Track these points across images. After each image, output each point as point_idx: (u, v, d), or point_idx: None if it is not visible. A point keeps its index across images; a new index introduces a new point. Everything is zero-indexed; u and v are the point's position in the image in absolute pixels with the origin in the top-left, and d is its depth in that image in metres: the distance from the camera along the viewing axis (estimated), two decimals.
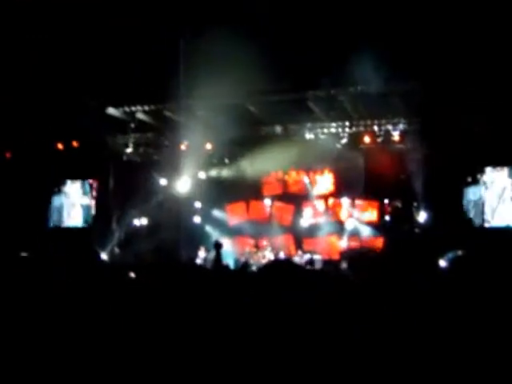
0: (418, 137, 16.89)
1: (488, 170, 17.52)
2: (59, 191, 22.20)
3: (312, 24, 14.03)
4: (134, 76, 16.43)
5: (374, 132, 18.76)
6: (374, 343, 3.03)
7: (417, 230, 17.99)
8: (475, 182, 17.56)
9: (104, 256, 19.09)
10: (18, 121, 18.70)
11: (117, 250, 20.69)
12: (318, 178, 21.01)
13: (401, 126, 18.28)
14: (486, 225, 17.26)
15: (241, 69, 14.39)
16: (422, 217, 17.98)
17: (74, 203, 22.09)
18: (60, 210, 22.19)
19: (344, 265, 13.64)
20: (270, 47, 14.09)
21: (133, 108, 19.69)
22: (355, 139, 19.03)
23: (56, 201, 22.20)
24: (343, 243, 19.84)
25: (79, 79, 16.90)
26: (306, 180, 21.22)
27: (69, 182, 22.23)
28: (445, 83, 14.64)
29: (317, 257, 18.58)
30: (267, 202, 21.73)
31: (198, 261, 19.71)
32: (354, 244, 19.58)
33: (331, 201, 20.89)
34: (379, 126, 18.61)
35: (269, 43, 14.04)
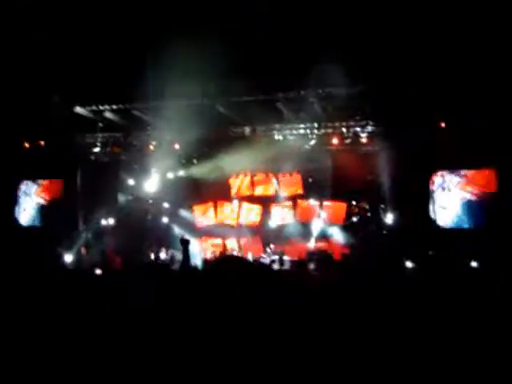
0: (384, 139, 17.05)
1: (446, 172, 17.80)
2: (23, 191, 21.92)
3: (282, 26, 14.06)
4: (102, 75, 16.29)
5: (342, 134, 18.87)
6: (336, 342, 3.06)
7: (384, 231, 18.16)
8: (439, 184, 17.81)
9: (70, 256, 18.92)
10: None
11: (83, 250, 20.50)
12: (287, 179, 21.06)
13: (369, 128, 18.43)
14: (449, 225, 17.53)
15: (210, 69, 14.38)
16: (389, 218, 18.16)
17: (34, 202, 21.85)
18: (22, 209, 21.92)
19: (311, 265, 13.75)
20: (240, 48, 14.09)
21: (101, 107, 19.51)
22: (323, 141, 19.12)
23: (19, 200, 21.93)
24: (311, 244, 19.91)
25: (47, 78, 16.70)
26: (275, 181, 21.26)
27: (36, 181, 21.96)
28: (409, 85, 14.81)
29: (285, 257, 18.64)
30: (235, 203, 21.73)
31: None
32: (322, 245, 19.68)
33: (299, 202, 20.96)
34: (347, 127, 18.73)
35: (239, 44, 14.04)
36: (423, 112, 16.24)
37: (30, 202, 21.90)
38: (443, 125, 16.97)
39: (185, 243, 5.96)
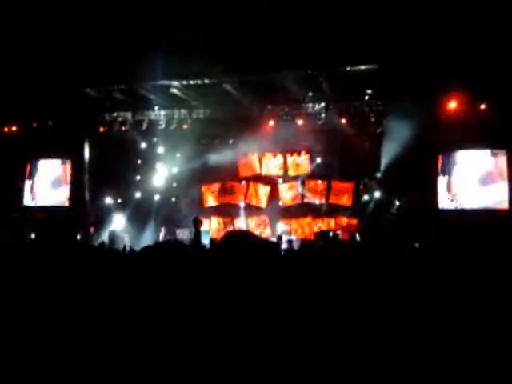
0: (393, 118, 16.93)
1: (462, 152, 17.71)
2: (34, 170, 21.96)
3: (291, 3, 13.94)
4: (109, 54, 16.24)
5: (350, 113, 18.77)
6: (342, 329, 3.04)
7: (392, 212, 18.11)
8: (449, 164, 17.74)
9: (78, 235, 19.02)
10: None
11: (92, 229, 20.60)
12: (295, 159, 21.00)
13: (377, 108, 18.31)
14: (457, 206, 17.49)
15: (217, 48, 14.30)
16: (396, 199, 18.10)
17: (47, 182, 21.86)
18: (34, 189, 21.95)
19: (318, 244, 13.74)
20: (248, 26, 13.99)
21: (108, 87, 19.46)
22: (332, 120, 19.01)
23: (30, 180, 21.96)
24: (319, 224, 19.91)
25: (55, 58, 16.66)
26: (282, 161, 21.21)
27: (43, 161, 21.97)
28: (419, 64, 14.67)
29: (293, 237, 18.64)
30: (243, 182, 21.72)
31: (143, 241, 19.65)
32: (330, 225, 19.68)
33: (307, 182, 20.92)
34: (356, 107, 18.62)
35: (247, 22, 13.93)
36: (433, 91, 16.12)
37: (38, 182, 21.94)
38: (454, 105, 16.86)
39: (197, 224, 5.97)
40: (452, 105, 16.87)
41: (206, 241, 17.66)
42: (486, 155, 17.44)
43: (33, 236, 17.32)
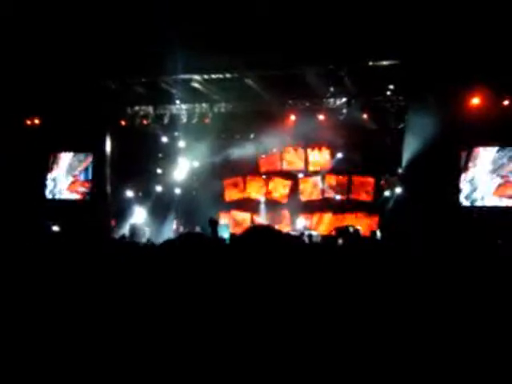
0: (415, 114, 16.79)
1: (484, 149, 17.50)
2: (55, 163, 22.12)
3: (310, 1, 13.89)
4: (131, 48, 16.29)
5: (372, 108, 18.67)
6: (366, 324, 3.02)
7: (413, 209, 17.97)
8: (471, 160, 17.54)
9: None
10: (14, 91, 18.54)
11: (113, 222, 20.74)
12: (315, 154, 20.96)
13: (399, 103, 18.20)
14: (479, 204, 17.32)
15: (239, 42, 14.28)
16: (417, 195, 17.97)
17: (69, 175, 22.01)
18: (56, 182, 22.12)
19: (340, 240, 13.71)
20: (269, 21, 13.94)
21: (130, 80, 19.55)
22: (353, 115, 18.93)
23: (52, 173, 22.13)
24: (339, 220, 19.87)
25: (75, 50, 16.75)
26: (303, 156, 21.18)
27: (65, 154, 22.13)
28: (441, 60, 14.54)
29: (314, 233, 18.61)
30: (263, 177, 21.72)
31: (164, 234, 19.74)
32: (350, 221, 19.61)
33: (328, 177, 20.87)
34: (377, 102, 18.52)
35: (268, 16, 13.89)
36: (455, 86, 15.98)
37: (60, 175, 22.11)
38: (477, 101, 16.69)
39: (213, 224, 5.99)
40: (475, 100, 16.68)
41: (225, 235, 17.76)
42: (509, 152, 17.22)
43: (56, 229, 17.47)
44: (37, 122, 21.20)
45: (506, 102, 16.42)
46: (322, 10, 13.65)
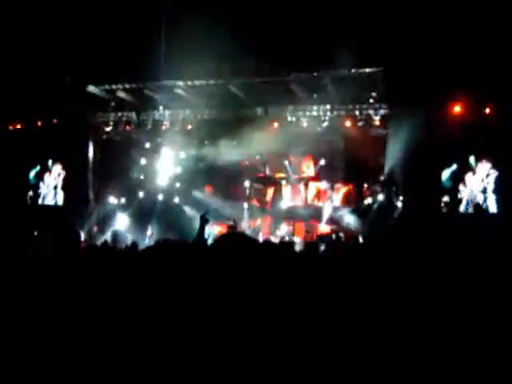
0: (397, 122, 16.90)
1: (471, 159, 17.48)
2: (37, 169, 21.97)
3: (296, 7, 13.96)
4: (114, 54, 16.28)
5: (355, 116, 18.77)
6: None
7: (395, 215, 18.07)
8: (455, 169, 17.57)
9: (82, 235, 19.02)
10: None
11: (95, 228, 20.61)
12: (298, 161, 21.02)
13: (382, 111, 18.31)
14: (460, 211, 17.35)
15: (223, 49, 14.32)
16: (400, 202, 18.05)
17: (53, 182, 21.86)
18: (37, 188, 21.96)
19: (322, 247, 13.74)
20: (253, 28, 14.01)
21: (113, 86, 19.52)
22: (336, 123, 19.02)
23: (34, 179, 21.97)
24: (322, 227, 19.90)
25: (60, 56, 16.71)
26: (286, 163, 21.22)
27: (47, 159, 21.98)
28: (423, 68, 14.67)
29: (296, 239, 18.62)
30: (246, 184, 21.70)
31: (146, 240, 19.64)
32: (332, 227, 19.65)
33: (311, 184, 20.92)
34: (360, 110, 18.62)
35: (252, 24, 13.95)
36: (438, 94, 16.10)
37: (42, 181, 21.95)
38: (458, 109, 16.81)
39: (204, 221, 5.90)
40: (456, 109, 16.81)
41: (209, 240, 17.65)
42: (488, 162, 17.24)
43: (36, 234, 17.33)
44: (18, 126, 21.07)
45: (487, 110, 16.53)
46: (306, 18, 13.74)
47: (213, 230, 19.87)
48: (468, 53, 13.91)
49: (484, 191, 17.10)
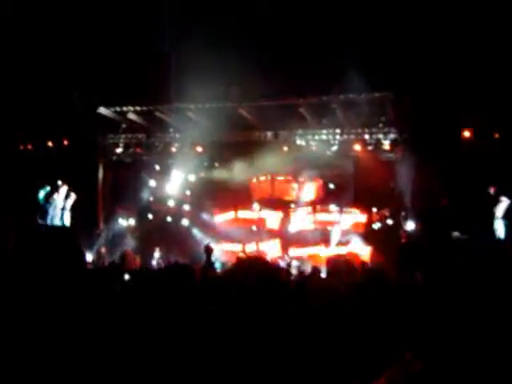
0: (407, 147, 16.89)
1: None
2: (47, 190, 22.01)
3: (305, 32, 14.05)
4: (126, 76, 16.40)
5: (364, 140, 18.79)
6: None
7: (403, 240, 17.97)
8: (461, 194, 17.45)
9: (90, 256, 19.04)
10: (9, 119, 18.57)
11: (103, 250, 20.61)
12: (308, 184, 20.99)
13: (391, 136, 18.32)
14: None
15: (233, 73, 14.39)
16: (409, 226, 17.96)
17: (60, 202, 21.89)
18: (47, 209, 21.98)
19: (329, 272, 13.65)
20: (263, 52, 14.09)
21: (124, 108, 19.63)
22: (345, 147, 19.03)
23: (43, 199, 22.00)
24: (330, 250, 19.80)
25: (71, 78, 16.85)
26: (295, 186, 21.19)
27: (57, 180, 22.04)
28: (434, 93, 14.68)
29: (304, 263, 18.53)
30: (255, 206, 21.65)
31: (154, 262, 19.70)
32: (342, 252, 19.53)
33: (319, 208, 20.86)
34: (370, 134, 18.65)
35: (262, 48, 14.04)
36: (448, 121, 16.08)
37: (52, 202, 21.99)
38: (468, 134, 16.77)
39: (209, 251, 5.93)
40: (466, 134, 16.78)
41: (217, 264, 17.65)
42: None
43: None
44: (29, 147, 21.19)
45: (497, 136, 16.48)
46: (316, 42, 13.81)
47: (220, 255, 19.82)
48: (478, 78, 13.92)
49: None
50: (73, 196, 21.01)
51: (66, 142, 21.05)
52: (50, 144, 21.14)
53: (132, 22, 14.82)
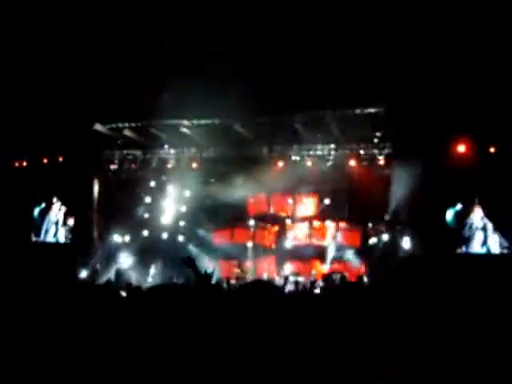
0: (402, 162, 16.90)
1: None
2: (42, 206, 22.00)
3: (299, 47, 14.10)
4: (121, 93, 16.42)
5: (359, 155, 18.83)
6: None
7: (400, 255, 17.94)
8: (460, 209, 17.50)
9: (84, 273, 18.98)
10: (4, 135, 18.58)
11: (98, 266, 20.54)
12: (303, 200, 20.98)
13: (386, 151, 18.37)
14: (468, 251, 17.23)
15: (227, 89, 14.42)
16: (405, 242, 17.93)
17: (54, 219, 21.87)
18: (41, 225, 21.96)
19: (325, 288, 13.61)
20: (256, 68, 14.13)
21: (120, 125, 19.66)
22: (341, 162, 19.07)
23: (38, 216, 21.98)
24: (326, 266, 19.76)
25: (67, 95, 16.87)
26: (291, 202, 21.19)
27: (52, 197, 22.03)
28: (428, 108, 14.74)
29: (300, 278, 18.46)
30: (251, 222, 21.61)
31: (149, 279, 19.72)
32: (337, 268, 19.49)
33: (315, 223, 20.83)
34: (365, 149, 18.69)
35: (255, 64, 14.08)
36: (441, 134, 16.13)
37: (46, 218, 21.97)
38: (463, 149, 16.80)
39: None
40: (461, 148, 16.82)
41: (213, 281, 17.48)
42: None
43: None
44: (24, 164, 21.20)
45: (491, 150, 16.52)
46: (309, 58, 13.86)
47: (217, 270, 19.71)
48: (471, 93, 13.97)
49: (484, 229, 17.04)
50: (68, 212, 21.05)
51: (60, 159, 21.07)
52: (44, 161, 21.15)
53: (127, 40, 14.85)
